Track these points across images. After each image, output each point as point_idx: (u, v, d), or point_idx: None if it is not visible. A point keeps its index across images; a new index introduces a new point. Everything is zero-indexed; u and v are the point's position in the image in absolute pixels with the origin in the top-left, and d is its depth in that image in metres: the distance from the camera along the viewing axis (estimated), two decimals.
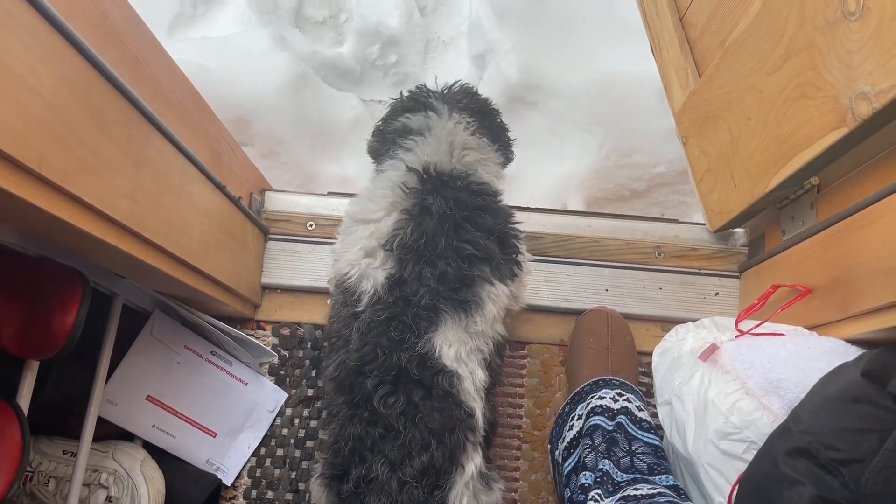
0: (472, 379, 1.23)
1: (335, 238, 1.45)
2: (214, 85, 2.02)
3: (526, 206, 1.92)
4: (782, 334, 1.37)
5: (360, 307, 1.26)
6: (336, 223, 1.82)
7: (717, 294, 1.78)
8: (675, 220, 1.91)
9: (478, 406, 1.23)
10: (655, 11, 1.81)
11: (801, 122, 1.27)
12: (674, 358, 1.46)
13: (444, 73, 2.42)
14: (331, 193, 1.99)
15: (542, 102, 2.09)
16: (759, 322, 1.40)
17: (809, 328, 1.38)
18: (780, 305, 1.41)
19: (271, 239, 1.82)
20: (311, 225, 1.84)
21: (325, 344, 1.43)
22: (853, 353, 1.24)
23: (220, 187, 1.44)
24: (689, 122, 1.74)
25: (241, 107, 2.03)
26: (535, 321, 1.80)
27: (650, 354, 1.62)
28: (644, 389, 1.70)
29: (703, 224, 1.84)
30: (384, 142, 1.55)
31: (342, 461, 1.19)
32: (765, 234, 1.71)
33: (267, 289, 1.82)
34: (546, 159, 2.09)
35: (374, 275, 1.27)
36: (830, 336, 1.31)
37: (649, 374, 1.73)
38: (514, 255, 1.37)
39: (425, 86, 1.60)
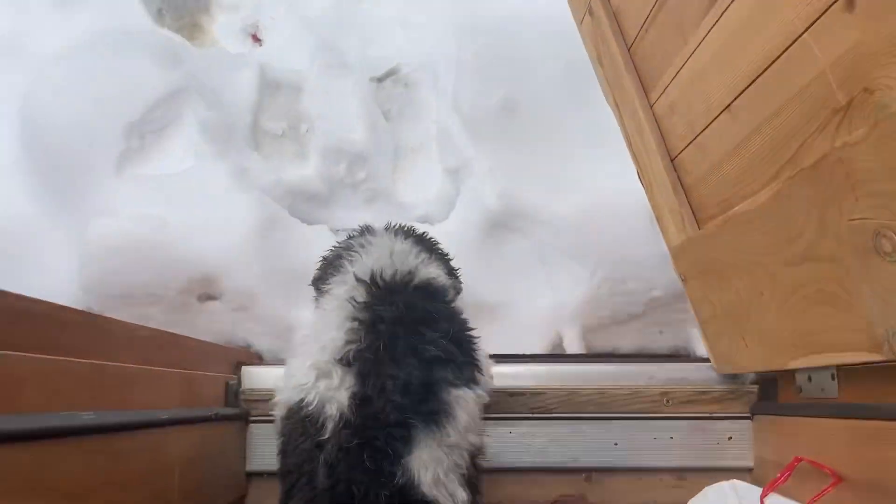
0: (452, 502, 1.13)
1: None
2: (178, 241, 1.87)
3: (521, 352, 1.82)
4: None
5: (326, 435, 1.12)
6: None
7: (730, 438, 1.70)
8: (680, 358, 1.82)
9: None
10: (642, 145, 1.70)
11: (825, 327, 1.18)
12: None
13: (416, 186, 2.29)
14: None
15: (526, 229, 1.99)
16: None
17: None
18: (813, 491, 1.32)
19: (253, 422, 1.69)
20: None
21: (280, 485, 1.24)
22: None
23: (192, 420, 1.31)
24: (689, 266, 1.65)
25: (207, 262, 1.88)
26: (543, 482, 1.71)
27: None
28: None
29: (709, 361, 1.75)
30: (328, 268, 1.52)
31: None
32: (777, 378, 1.63)
33: (253, 475, 1.69)
34: (535, 288, 1.99)
35: (336, 397, 1.14)
36: None
37: None
38: (474, 357, 1.29)
39: (368, 226, 1.61)
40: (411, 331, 1.22)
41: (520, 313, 1.62)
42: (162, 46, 2.29)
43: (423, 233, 1.61)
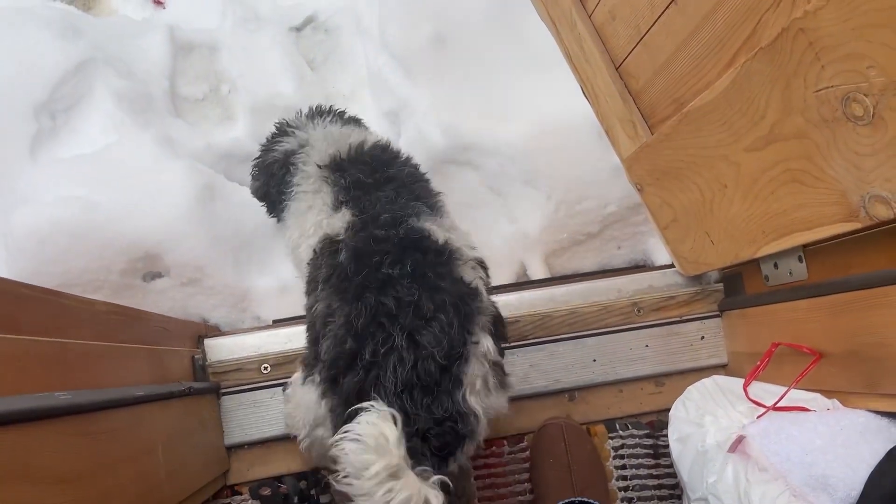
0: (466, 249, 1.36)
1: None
2: (110, 222, 1.75)
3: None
4: (805, 409, 1.32)
5: (341, 236, 1.34)
6: (291, 358, 1.65)
7: (702, 338, 1.73)
8: (644, 267, 1.83)
9: (479, 283, 1.32)
10: (584, 58, 1.67)
11: (795, 205, 1.19)
12: (698, 451, 1.39)
13: None
14: (276, 323, 1.79)
15: (476, 161, 1.94)
16: (777, 397, 1.35)
17: (826, 394, 1.33)
18: (796, 374, 1.36)
19: (225, 394, 1.62)
20: (265, 368, 1.64)
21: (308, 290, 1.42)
22: (886, 425, 1.21)
23: (167, 396, 1.24)
24: (644, 172, 1.64)
25: (146, 239, 1.77)
26: (529, 409, 1.70)
27: (649, 414, 1.65)
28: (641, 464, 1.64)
29: (672, 267, 1.77)
30: (271, 176, 1.66)
31: (345, 355, 1.17)
32: (742, 273, 1.66)
33: (233, 448, 1.62)
34: (493, 220, 1.96)
35: (343, 220, 1.37)
36: (856, 408, 1.26)
37: (653, 435, 1.68)
38: (436, 196, 1.50)
39: (284, 119, 1.75)
40: (382, 185, 1.44)
41: (480, 248, 1.58)
42: (59, 19, 2.10)
43: (342, 110, 1.78)
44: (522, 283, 1.88)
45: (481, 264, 1.40)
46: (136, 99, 2.03)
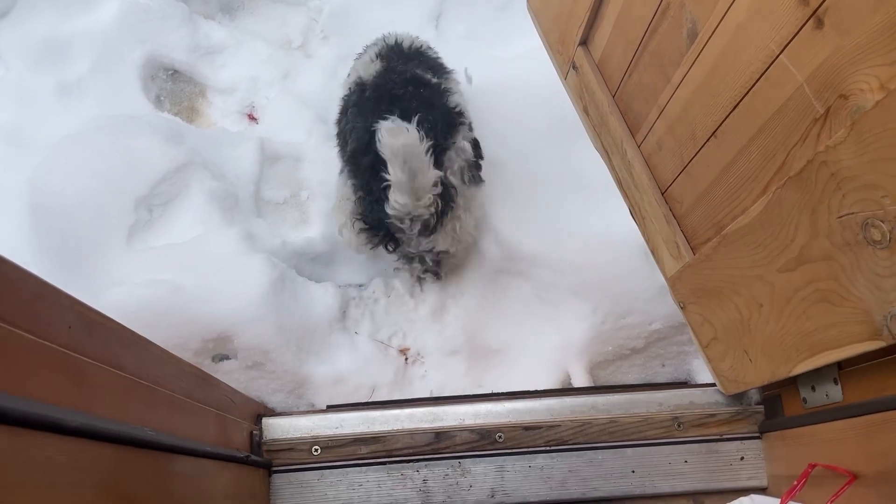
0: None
1: (343, 459, 1.71)
2: (191, 304, 1.92)
3: (532, 388, 1.86)
4: None
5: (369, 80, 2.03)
6: (341, 442, 1.73)
7: (742, 458, 1.75)
8: (686, 384, 1.89)
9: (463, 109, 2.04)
10: (633, 183, 1.82)
11: (825, 324, 1.27)
12: None
13: None
14: (330, 408, 1.90)
15: (528, 272, 2.07)
16: None
17: None
18: (830, 495, 1.37)
19: (276, 472, 1.70)
20: (315, 450, 1.73)
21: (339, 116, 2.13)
22: None
23: (228, 458, 1.34)
24: (687, 291, 1.74)
25: (221, 322, 1.92)
26: None
27: None
28: None
29: (713, 385, 1.82)
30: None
31: (362, 144, 1.83)
32: (781, 395, 1.70)
33: None
34: (541, 328, 2.06)
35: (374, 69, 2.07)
36: None
37: None
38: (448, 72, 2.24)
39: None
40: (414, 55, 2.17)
41: (527, 354, 1.68)
42: (165, 127, 2.39)
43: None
44: (565, 390, 1.95)
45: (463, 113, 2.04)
46: (224, 199, 2.26)
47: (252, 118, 2.84)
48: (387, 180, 1.73)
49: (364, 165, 1.84)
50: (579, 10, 1.79)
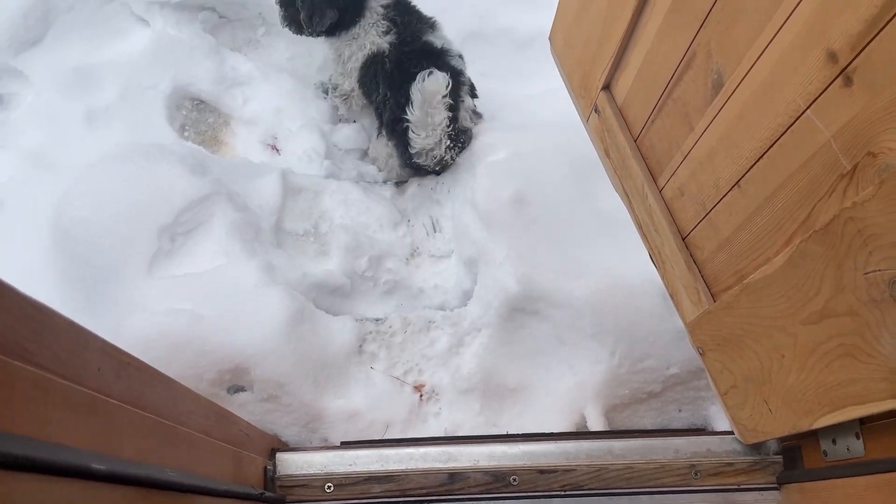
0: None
1: (356, 498, 1.71)
2: (210, 334, 1.93)
3: (548, 429, 1.85)
4: None
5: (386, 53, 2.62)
6: (355, 480, 1.72)
7: None
8: (703, 431, 1.87)
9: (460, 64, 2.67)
10: (653, 227, 1.82)
11: (849, 379, 1.25)
12: None
13: (435, 276, 2.39)
14: (344, 444, 1.89)
15: (545, 312, 2.07)
16: None
17: None
18: None
19: None
20: (329, 487, 1.72)
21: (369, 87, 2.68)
22: None
23: (244, 496, 1.33)
24: (706, 337, 1.73)
25: (238, 354, 1.93)
26: None
27: None
28: None
29: (731, 433, 1.80)
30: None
31: (397, 115, 2.52)
32: (801, 446, 1.68)
33: None
34: (557, 369, 2.05)
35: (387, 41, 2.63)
36: None
37: None
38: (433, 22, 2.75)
39: None
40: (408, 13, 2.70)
41: (542, 395, 1.67)
42: (190, 156, 2.43)
43: None
44: (581, 433, 1.93)
45: (460, 56, 2.68)
46: (246, 229, 2.29)
47: (274, 149, 2.88)
48: (408, 120, 2.46)
49: (399, 130, 2.54)
50: (603, 54, 1.81)
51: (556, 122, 2.43)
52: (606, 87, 1.88)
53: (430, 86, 2.35)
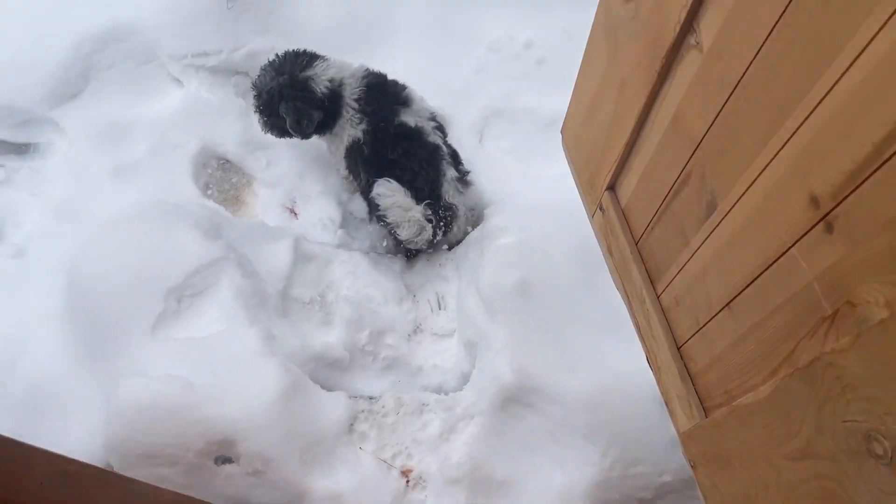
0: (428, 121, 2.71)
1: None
2: (202, 404, 1.95)
3: None
4: None
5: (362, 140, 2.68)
6: None
7: None
8: None
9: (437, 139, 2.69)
10: (650, 332, 1.80)
11: None
12: None
13: (434, 357, 2.38)
14: None
15: (539, 405, 2.04)
16: None
17: None
18: None
19: None
20: None
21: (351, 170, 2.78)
22: None
23: None
24: (698, 452, 1.68)
25: (228, 425, 1.94)
26: None
27: None
28: None
29: None
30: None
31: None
32: None
33: None
34: (547, 467, 2.01)
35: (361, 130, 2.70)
36: None
37: None
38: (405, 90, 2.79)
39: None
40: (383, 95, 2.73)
41: (530, 492, 1.64)
42: (207, 219, 2.48)
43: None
44: None
45: (438, 126, 2.74)
46: (252, 295, 2.31)
47: (292, 212, 2.92)
48: (390, 223, 2.53)
49: (379, 218, 2.61)
50: (609, 157, 1.82)
51: (568, 208, 2.42)
52: (611, 187, 1.88)
53: (383, 197, 2.50)
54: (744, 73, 1.17)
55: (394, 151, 2.55)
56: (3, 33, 3.00)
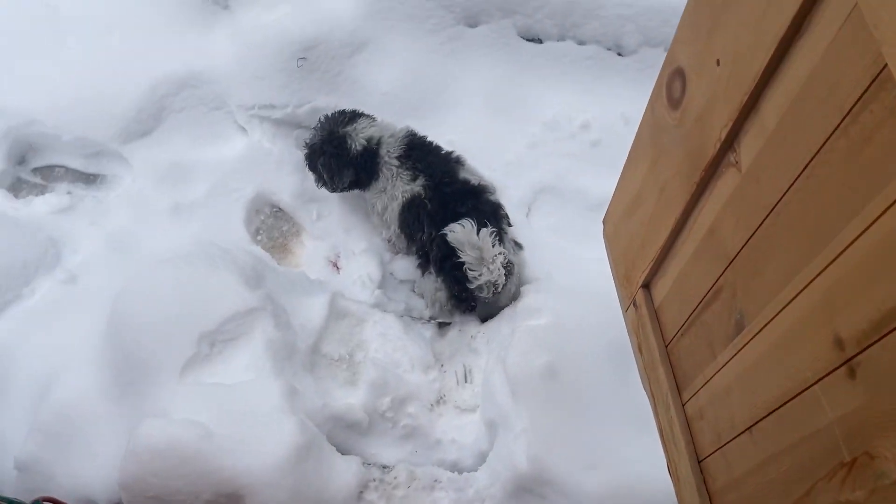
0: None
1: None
2: (216, 453, 1.97)
3: None
4: None
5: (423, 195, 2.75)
6: None
7: None
8: None
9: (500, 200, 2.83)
10: (672, 440, 1.74)
11: None
12: None
13: (454, 431, 2.36)
14: None
15: (552, 499, 1.99)
16: None
17: None
18: None
19: None
20: None
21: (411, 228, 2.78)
22: None
23: None
24: None
25: (237, 479, 1.95)
26: None
27: None
28: None
29: None
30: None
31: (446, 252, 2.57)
32: None
33: None
34: None
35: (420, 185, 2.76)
36: None
37: None
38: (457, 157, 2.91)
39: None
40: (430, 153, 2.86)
41: None
42: (250, 266, 2.54)
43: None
44: None
45: (492, 189, 2.83)
46: (282, 348, 2.34)
47: (335, 266, 2.97)
48: (464, 262, 2.48)
49: (448, 267, 2.59)
50: (646, 255, 1.80)
51: (605, 293, 2.39)
52: (646, 285, 1.85)
53: (461, 236, 2.45)
54: (778, 201, 1.15)
55: (463, 206, 2.61)
56: (90, 70, 3.17)
